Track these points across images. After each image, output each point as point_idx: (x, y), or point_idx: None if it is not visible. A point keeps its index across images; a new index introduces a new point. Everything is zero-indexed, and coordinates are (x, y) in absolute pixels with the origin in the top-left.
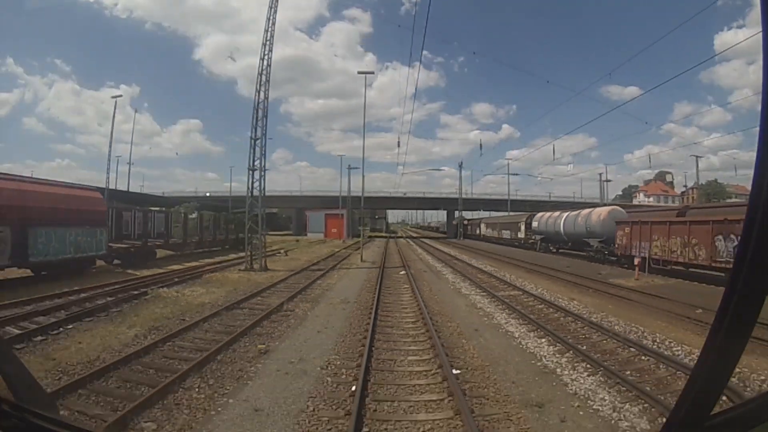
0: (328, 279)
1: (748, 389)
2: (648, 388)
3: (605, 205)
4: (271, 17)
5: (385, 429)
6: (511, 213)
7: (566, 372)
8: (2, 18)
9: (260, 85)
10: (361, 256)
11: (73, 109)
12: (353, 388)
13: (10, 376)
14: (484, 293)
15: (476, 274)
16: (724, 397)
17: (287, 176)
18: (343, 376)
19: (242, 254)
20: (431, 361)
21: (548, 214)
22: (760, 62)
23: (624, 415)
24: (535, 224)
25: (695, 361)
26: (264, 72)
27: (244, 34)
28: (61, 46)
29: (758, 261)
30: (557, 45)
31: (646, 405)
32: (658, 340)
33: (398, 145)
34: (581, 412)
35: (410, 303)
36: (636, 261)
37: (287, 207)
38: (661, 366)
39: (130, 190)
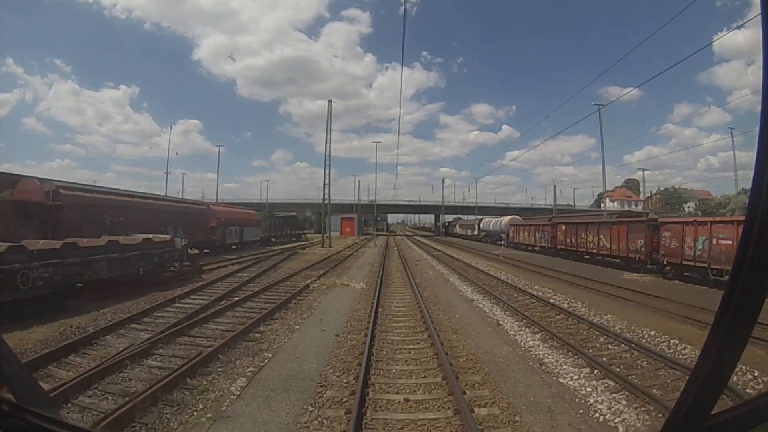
0: (362, 250)
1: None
2: (476, 281)
3: (518, 213)
4: (329, 123)
5: (390, 261)
6: (478, 216)
7: (447, 273)
8: (2, 18)
9: (327, 161)
10: (375, 243)
11: (72, 109)
12: (383, 260)
13: (10, 376)
14: (428, 254)
15: (431, 250)
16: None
17: (286, 177)
18: (383, 246)
19: (303, 242)
20: (401, 261)
21: (489, 218)
22: (760, 62)
23: (464, 287)
24: (482, 225)
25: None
26: (329, 146)
27: (244, 35)
28: (61, 46)
29: (758, 261)
30: (557, 45)
31: (475, 286)
32: (499, 275)
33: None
34: (456, 294)
35: (397, 255)
36: (502, 242)
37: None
38: (493, 283)
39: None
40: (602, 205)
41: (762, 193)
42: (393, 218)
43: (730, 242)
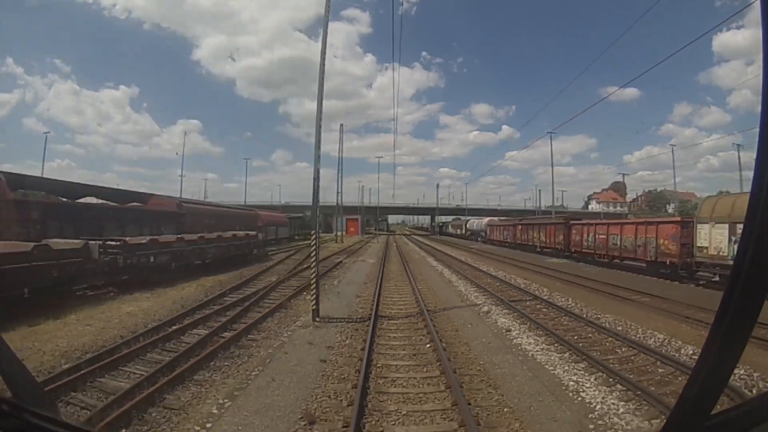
0: (368, 245)
1: None
2: (444, 261)
3: (496, 215)
4: (340, 154)
5: (390, 252)
6: (468, 217)
7: (428, 257)
8: (2, 18)
9: (339, 185)
10: (377, 240)
11: (72, 109)
12: (385, 251)
13: (10, 376)
14: (419, 248)
15: (422, 245)
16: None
17: (286, 177)
18: (384, 242)
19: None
20: (398, 252)
21: (473, 219)
22: (760, 62)
23: (434, 263)
24: (468, 225)
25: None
26: (340, 168)
27: (244, 35)
28: (61, 46)
29: (758, 261)
30: (557, 45)
31: (441, 263)
32: (461, 258)
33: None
34: (427, 265)
35: (395, 248)
36: (478, 239)
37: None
38: (454, 261)
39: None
40: (557, 206)
41: (762, 193)
42: (393, 219)
43: (604, 237)
